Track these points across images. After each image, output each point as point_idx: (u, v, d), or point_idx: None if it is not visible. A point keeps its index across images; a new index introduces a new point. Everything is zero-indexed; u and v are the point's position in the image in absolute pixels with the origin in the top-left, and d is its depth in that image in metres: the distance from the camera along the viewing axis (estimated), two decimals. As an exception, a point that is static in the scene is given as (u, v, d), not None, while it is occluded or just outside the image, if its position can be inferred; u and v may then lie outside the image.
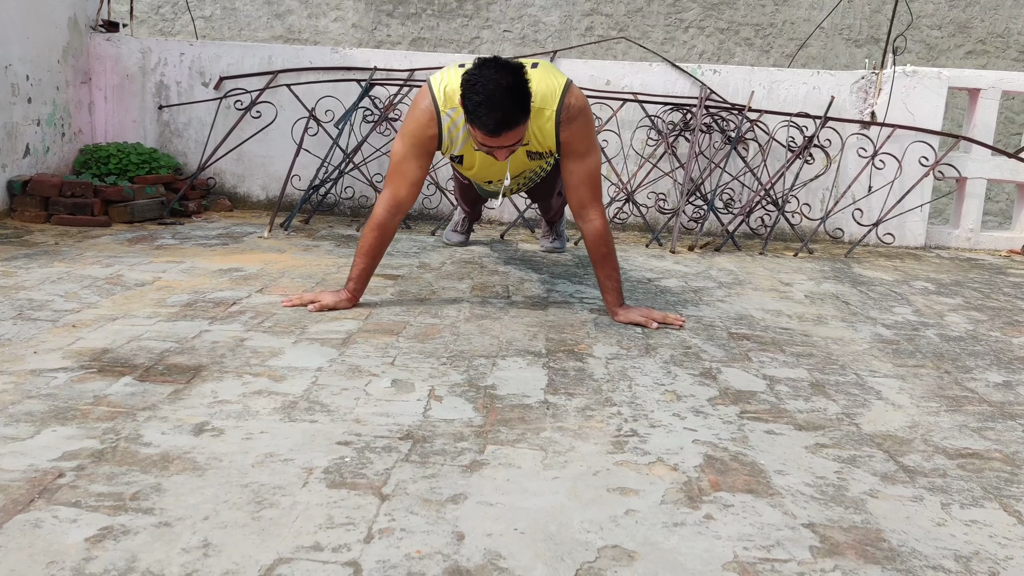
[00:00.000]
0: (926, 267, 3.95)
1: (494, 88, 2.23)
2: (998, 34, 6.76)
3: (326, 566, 1.17)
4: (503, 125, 2.27)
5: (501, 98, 2.24)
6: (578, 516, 1.36)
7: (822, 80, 4.46)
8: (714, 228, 4.47)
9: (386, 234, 2.60)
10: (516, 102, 2.27)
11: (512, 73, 2.27)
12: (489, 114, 2.25)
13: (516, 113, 2.28)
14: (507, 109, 2.25)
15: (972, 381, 2.21)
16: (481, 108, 2.25)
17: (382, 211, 2.57)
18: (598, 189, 2.61)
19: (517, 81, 2.27)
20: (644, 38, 6.71)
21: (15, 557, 1.16)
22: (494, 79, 2.24)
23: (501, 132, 2.28)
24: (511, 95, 2.25)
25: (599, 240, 2.59)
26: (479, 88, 2.24)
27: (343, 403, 1.80)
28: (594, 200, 2.59)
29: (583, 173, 2.56)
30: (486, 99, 2.23)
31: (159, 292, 2.67)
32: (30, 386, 1.80)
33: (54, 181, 3.82)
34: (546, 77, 2.48)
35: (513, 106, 2.27)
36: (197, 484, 1.40)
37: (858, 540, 1.33)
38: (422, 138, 2.52)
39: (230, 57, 4.56)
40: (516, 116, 2.28)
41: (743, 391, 2.03)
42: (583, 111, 2.51)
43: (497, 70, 2.27)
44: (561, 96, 2.47)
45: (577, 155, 2.54)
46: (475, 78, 2.26)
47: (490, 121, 2.26)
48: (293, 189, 4.43)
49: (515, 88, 2.26)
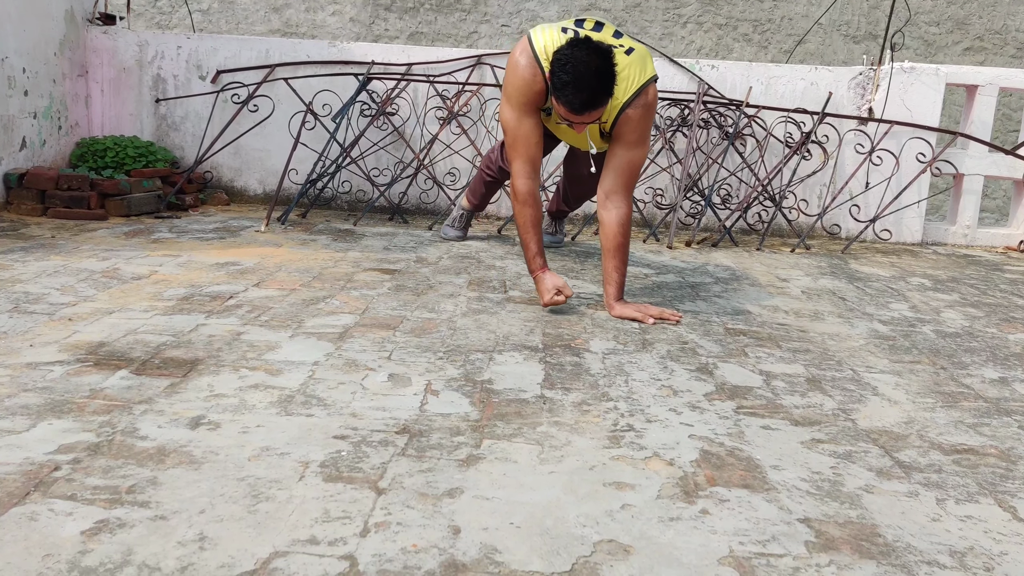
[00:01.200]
0: (923, 263, 3.96)
1: (584, 70, 2.35)
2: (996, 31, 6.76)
3: (322, 559, 1.17)
4: (587, 105, 2.40)
5: (589, 80, 2.36)
6: (574, 510, 1.36)
7: (820, 76, 4.46)
8: (711, 224, 4.47)
9: (539, 202, 2.66)
10: (602, 85, 2.40)
11: (602, 56, 2.39)
12: (575, 94, 2.37)
13: (600, 95, 2.41)
14: (593, 91, 2.39)
15: (968, 377, 2.22)
16: (569, 88, 2.37)
17: (523, 181, 2.62)
18: (633, 181, 2.66)
19: (605, 65, 2.39)
20: (642, 33, 6.70)
21: (11, 550, 1.16)
22: (584, 61, 2.35)
23: (585, 112, 2.41)
24: (599, 78, 2.38)
25: (620, 229, 2.61)
26: (569, 68, 2.35)
27: (340, 397, 1.80)
28: (626, 189, 2.64)
29: (625, 160, 2.61)
30: (575, 79, 2.36)
31: (156, 286, 2.66)
32: (26, 379, 1.80)
33: (50, 174, 3.81)
34: (635, 67, 2.55)
35: (599, 88, 2.40)
36: (193, 478, 1.40)
37: (853, 535, 1.34)
38: (530, 94, 2.60)
39: (227, 51, 4.55)
40: (600, 98, 2.42)
41: (739, 386, 2.03)
42: (650, 106, 2.60)
43: (588, 52, 2.37)
44: (639, 89, 2.55)
45: (626, 142, 2.60)
46: (566, 57, 2.37)
47: (576, 100, 2.38)
48: (290, 183, 4.43)
49: (603, 72, 2.39)
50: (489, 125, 4.49)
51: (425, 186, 4.49)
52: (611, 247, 2.61)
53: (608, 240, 2.61)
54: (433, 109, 4.46)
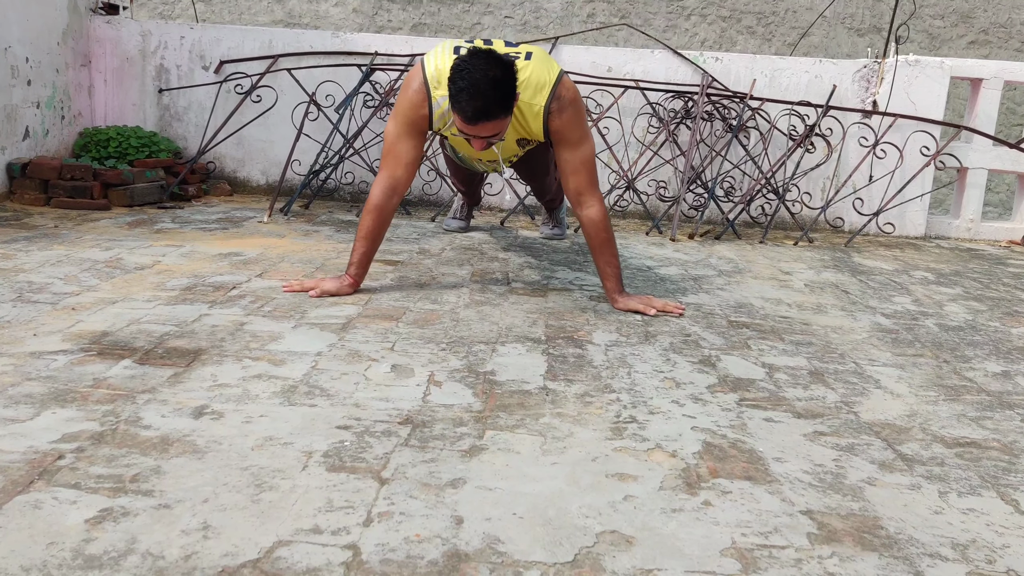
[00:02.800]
0: (926, 257, 3.95)
1: (480, 78, 2.24)
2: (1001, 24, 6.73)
3: (325, 549, 1.18)
4: (481, 115, 2.28)
5: (484, 88, 2.25)
6: (577, 501, 1.36)
7: (824, 69, 4.45)
8: (714, 216, 4.46)
9: (384, 217, 2.60)
10: (498, 96, 2.29)
11: (501, 67, 2.29)
12: (469, 102, 2.26)
13: (495, 107, 2.29)
14: (488, 100, 2.27)
15: (971, 371, 2.22)
16: (463, 94, 2.26)
17: (379, 193, 2.57)
18: (594, 176, 2.61)
19: (505, 76, 2.29)
20: (646, 25, 6.68)
21: (15, 538, 1.16)
22: (482, 69, 2.26)
23: (478, 122, 2.30)
24: (495, 88, 2.27)
25: (597, 227, 2.59)
26: (465, 75, 2.26)
27: (343, 388, 1.80)
28: (591, 187, 2.59)
29: (578, 161, 2.56)
30: (469, 86, 2.25)
31: (159, 276, 2.67)
32: (30, 368, 1.80)
33: (53, 164, 3.81)
34: (539, 68, 2.49)
35: (494, 99, 2.28)
36: (197, 467, 1.40)
37: (855, 527, 1.34)
38: (414, 118, 2.53)
39: (230, 41, 4.54)
40: (495, 109, 2.30)
41: (742, 379, 2.03)
42: (574, 101, 2.52)
43: (488, 61, 2.28)
44: (552, 88, 2.48)
45: (570, 144, 2.55)
46: (464, 64, 2.28)
47: (469, 108, 2.27)
48: (293, 174, 4.42)
49: (501, 82, 2.28)
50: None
51: (428, 177, 4.49)
52: (597, 244, 2.61)
53: (592, 239, 2.61)
54: (436, 100, 4.45)
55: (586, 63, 4.44)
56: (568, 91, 2.51)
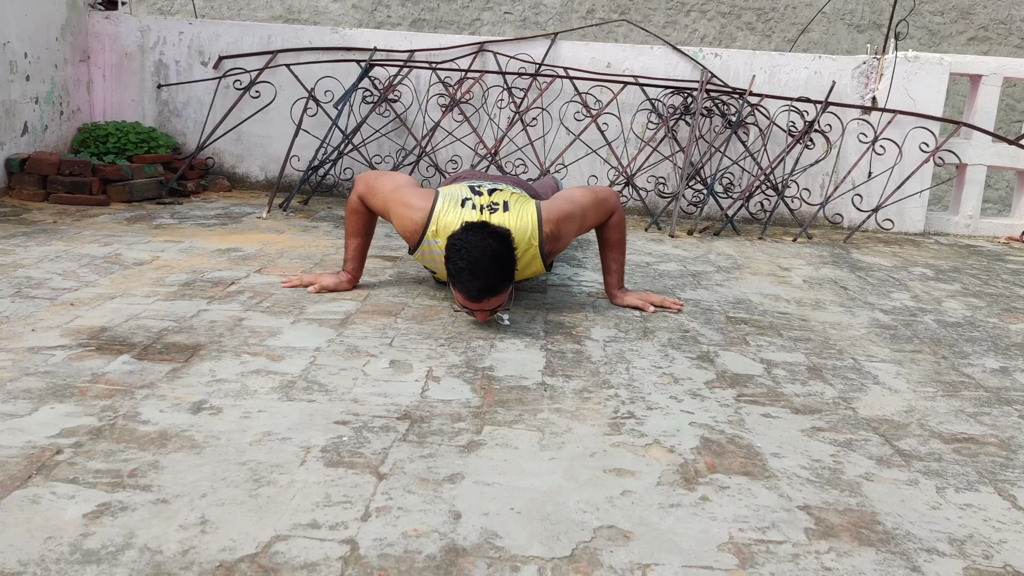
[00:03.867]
0: (925, 253, 3.95)
1: (479, 255, 2.14)
2: (1000, 20, 6.73)
3: (323, 543, 1.18)
4: (486, 292, 2.18)
5: (485, 264, 2.15)
6: (574, 496, 1.36)
7: (823, 65, 4.44)
8: (713, 212, 4.46)
9: (365, 216, 2.59)
10: (500, 269, 2.18)
11: (498, 239, 2.19)
12: (472, 280, 2.16)
13: (499, 281, 2.19)
14: (491, 276, 2.17)
15: (969, 367, 2.22)
16: (464, 274, 2.16)
17: (357, 201, 2.56)
18: (602, 202, 2.54)
19: (503, 249, 2.19)
20: (645, 21, 6.68)
21: (13, 532, 1.16)
22: (479, 246, 2.15)
23: (484, 299, 2.20)
24: (496, 262, 2.17)
25: (615, 228, 2.58)
26: (464, 254, 2.15)
27: (341, 383, 1.80)
28: (608, 210, 2.55)
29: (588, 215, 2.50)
30: (470, 265, 2.15)
31: (157, 271, 2.67)
32: (28, 363, 1.80)
33: (52, 159, 3.81)
34: (518, 217, 2.37)
35: (497, 273, 2.18)
36: (195, 462, 1.40)
37: (853, 523, 1.34)
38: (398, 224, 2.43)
39: (229, 36, 4.54)
40: (499, 284, 2.19)
41: (740, 375, 2.03)
42: (557, 219, 2.41)
43: (483, 235, 2.18)
44: (539, 229, 2.37)
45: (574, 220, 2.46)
46: (460, 242, 2.17)
47: (473, 288, 2.17)
48: (292, 170, 4.42)
49: (501, 255, 2.18)
50: (491, 112, 4.48)
51: (427, 173, 4.48)
52: (610, 243, 2.60)
53: (606, 239, 2.60)
54: (435, 96, 4.45)
55: (585, 59, 4.44)
56: (551, 223, 2.39)
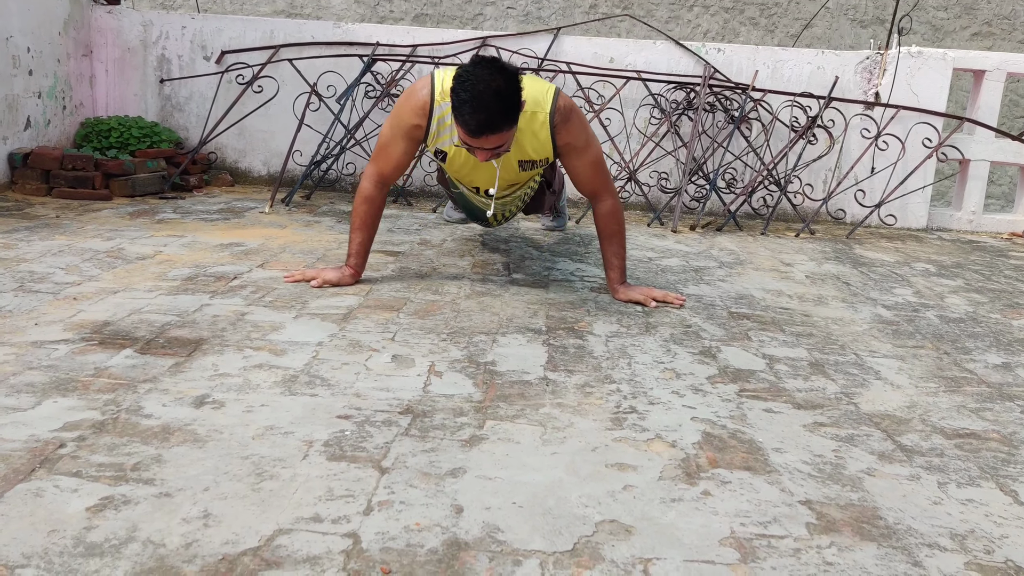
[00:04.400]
0: (927, 249, 3.95)
1: (484, 88, 2.15)
2: (1004, 16, 6.71)
3: (325, 537, 1.18)
4: (485, 127, 2.19)
5: (489, 99, 2.16)
6: (576, 491, 1.37)
7: (826, 60, 4.43)
8: (716, 208, 4.46)
9: (375, 206, 2.60)
10: (503, 107, 2.19)
11: (505, 77, 2.19)
12: (473, 113, 2.17)
13: (500, 118, 2.20)
14: (492, 111, 2.18)
15: (971, 362, 2.22)
16: (466, 106, 2.17)
17: (368, 185, 2.58)
18: (606, 174, 2.59)
19: (509, 87, 2.19)
20: (648, 16, 6.66)
21: (16, 525, 1.16)
22: (486, 79, 2.16)
23: (483, 134, 2.21)
24: (499, 99, 2.18)
25: (610, 218, 2.59)
26: (468, 86, 2.16)
27: (343, 377, 1.81)
28: (605, 186, 2.58)
29: (588, 166, 2.54)
30: (473, 97, 2.16)
31: (160, 266, 2.67)
32: (31, 357, 1.81)
33: (55, 154, 3.81)
34: (535, 83, 2.45)
35: (499, 110, 2.19)
36: (197, 456, 1.41)
37: (854, 517, 1.34)
38: (408, 126, 2.47)
39: (232, 31, 4.54)
40: (500, 121, 2.20)
41: (742, 370, 2.03)
42: (574, 109, 2.47)
43: (492, 71, 2.19)
44: (553, 100, 2.42)
45: (578, 151, 2.51)
46: (468, 74, 2.18)
47: (472, 121, 2.18)
48: (294, 164, 4.42)
49: (505, 93, 2.19)
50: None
51: (429, 168, 4.48)
52: (608, 234, 2.60)
53: (603, 230, 2.61)
54: (438, 91, 4.44)
55: (588, 54, 4.43)
56: (566, 101, 2.45)
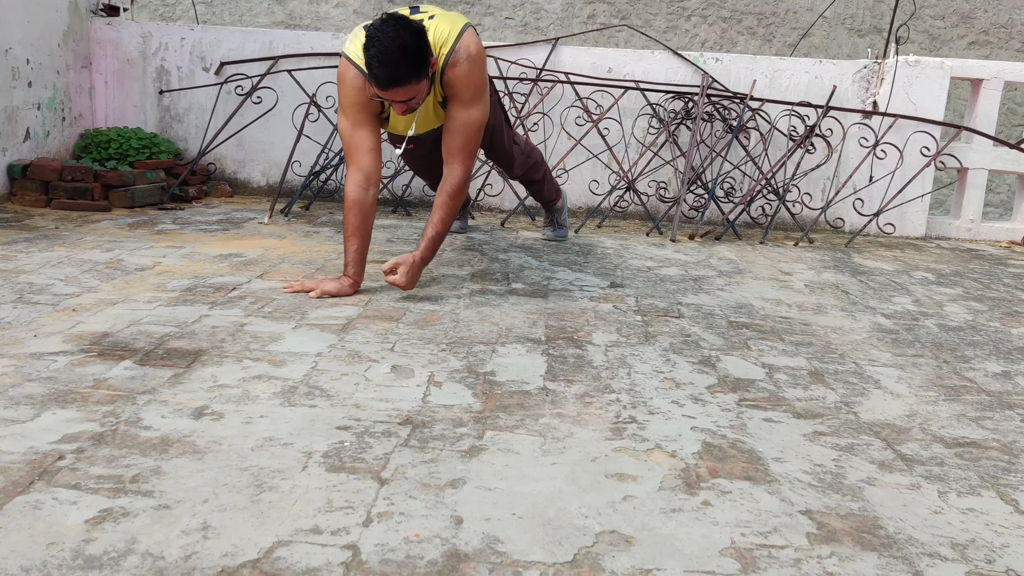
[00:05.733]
0: (926, 257, 3.95)
1: (389, 44, 2.30)
2: (1001, 25, 6.73)
3: (325, 549, 1.18)
4: (392, 80, 2.34)
5: (395, 55, 2.30)
6: (576, 501, 1.36)
7: (824, 69, 4.45)
8: (715, 217, 4.46)
9: (366, 210, 2.60)
10: (409, 61, 2.34)
11: (411, 32, 2.34)
12: (380, 67, 2.32)
13: (406, 71, 2.34)
14: (398, 65, 2.32)
15: (971, 371, 2.22)
16: (374, 61, 2.32)
17: (353, 188, 2.59)
18: (471, 143, 2.61)
19: (414, 41, 2.34)
20: (646, 26, 6.68)
21: (15, 538, 1.16)
22: (391, 36, 2.31)
23: (390, 87, 2.35)
24: (404, 53, 2.32)
25: (446, 190, 2.61)
26: (375, 42, 2.31)
27: (343, 388, 1.81)
28: (462, 152, 2.60)
29: (460, 122, 2.58)
30: (379, 53, 2.31)
31: (159, 277, 2.67)
32: (30, 369, 1.81)
33: (54, 165, 3.82)
34: (442, 25, 2.52)
35: (405, 64, 2.33)
36: (197, 467, 1.40)
37: (855, 527, 1.34)
38: (360, 100, 2.55)
39: (231, 42, 4.55)
40: (406, 74, 2.34)
41: (742, 379, 2.03)
42: (472, 57, 2.53)
43: (396, 27, 2.33)
44: (455, 40, 2.50)
45: (460, 102, 2.56)
46: (375, 32, 2.33)
47: (380, 74, 2.33)
48: (294, 175, 4.43)
49: (411, 47, 2.33)
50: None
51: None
52: (437, 204, 2.61)
53: (437, 197, 2.62)
54: (437, 101, 4.45)
55: (586, 64, 4.44)
56: (468, 46, 2.52)
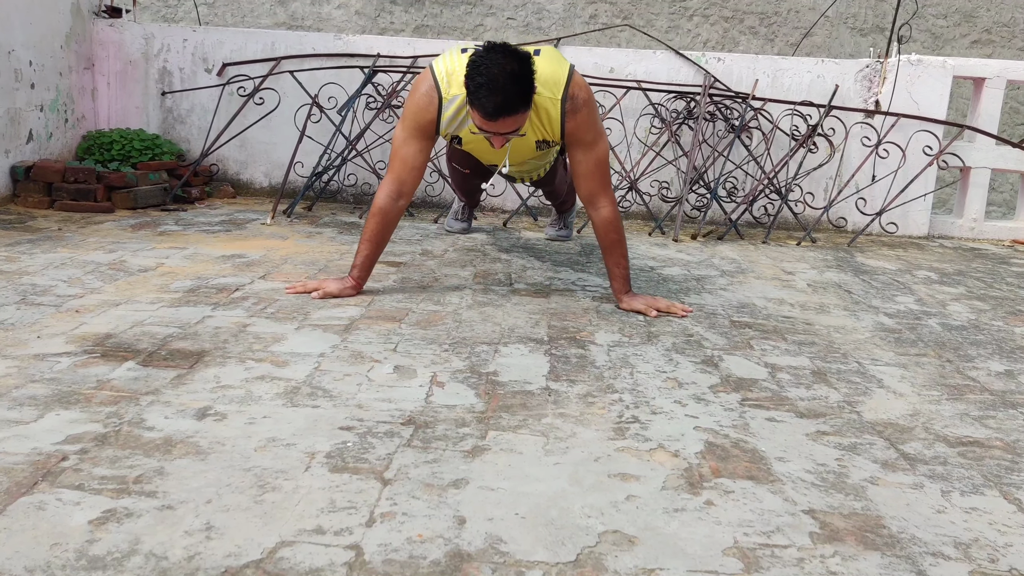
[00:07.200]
0: (929, 256, 3.95)
1: (498, 72, 2.23)
2: (1004, 23, 6.72)
3: (328, 549, 1.18)
4: (502, 110, 2.27)
5: (503, 82, 2.24)
6: (579, 501, 1.36)
7: (826, 68, 4.44)
8: (717, 217, 4.46)
9: (389, 220, 2.59)
10: (518, 89, 2.27)
11: (518, 60, 2.27)
12: (489, 97, 2.25)
13: (516, 100, 2.28)
14: (507, 94, 2.26)
15: (974, 370, 2.22)
16: (482, 90, 2.25)
17: (384, 196, 2.57)
18: (607, 177, 2.60)
19: (523, 69, 2.27)
20: (648, 26, 6.68)
21: (19, 539, 1.16)
22: (499, 63, 2.24)
23: (499, 117, 2.28)
24: (514, 81, 2.26)
25: (609, 227, 2.58)
26: (483, 70, 2.24)
27: (345, 389, 1.81)
28: (604, 188, 2.58)
29: (591, 163, 2.55)
30: (488, 82, 2.23)
31: (162, 278, 2.67)
32: (34, 370, 1.81)
33: (57, 167, 3.82)
34: (550, 64, 2.47)
35: (514, 92, 2.27)
36: (200, 468, 1.40)
37: (858, 526, 1.34)
38: (422, 122, 2.52)
39: (233, 43, 4.55)
40: (515, 103, 2.28)
41: (745, 379, 2.03)
42: (588, 101, 2.50)
43: (504, 55, 2.27)
44: (566, 84, 2.46)
45: (584, 144, 2.53)
46: (481, 60, 2.26)
47: (489, 104, 2.25)
48: (296, 176, 4.43)
49: (519, 75, 2.26)
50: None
51: (430, 179, 4.49)
52: (607, 245, 2.60)
53: (603, 239, 2.61)
54: (439, 102, 4.45)
55: (588, 64, 4.44)
56: (581, 89, 2.49)
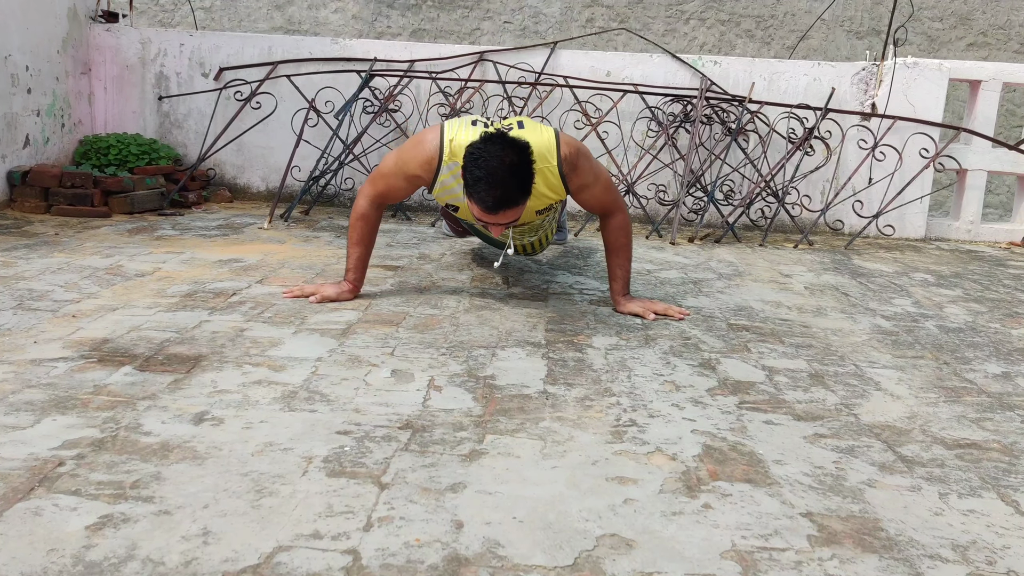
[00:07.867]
0: (926, 259, 3.95)
1: (496, 165, 2.16)
2: (999, 26, 6.74)
3: (325, 554, 1.18)
4: (502, 203, 2.20)
5: (503, 176, 2.17)
6: (577, 505, 1.36)
7: (823, 71, 4.45)
8: (714, 219, 4.47)
9: (371, 223, 2.60)
10: (517, 182, 2.21)
11: (517, 151, 2.21)
12: (488, 191, 2.18)
13: (516, 193, 2.21)
14: (507, 188, 2.19)
15: (971, 372, 2.22)
16: (481, 184, 2.18)
17: (365, 203, 2.57)
18: (616, 193, 2.60)
19: (522, 160, 2.21)
20: (645, 29, 6.69)
21: (15, 544, 1.16)
22: (498, 156, 2.17)
23: (499, 211, 2.22)
24: (513, 174, 2.19)
25: (619, 232, 2.59)
26: (482, 163, 2.17)
27: (343, 393, 1.81)
28: (615, 202, 2.59)
29: (599, 192, 2.55)
30: (487, 175, 2.17)
31: (159, 282, 2.67)
32: (30, 375, 1.81)
33: (54, 172, 3.82)
34: (536, 134, 2.41)
35: (514, 185, 2.20)
36: (197, 473, 1.40)
37: (856, 529, 1.34)
38: (413, 174, 2.48)
39: (230, 48, 4.55)
40: (515, 196, 2.22)
41: (742, 382, 2.03)
42: (579, 152, 2.47)
43: (503, 147, 2.20)
44: (556, 149, 2.41)
45: (589, 187, 2.52)
46: (479, 152, 2.19)
47: (488, 199, 2.19)
48: (293, 180, 4.43)
49: (518, 167, 2.20)
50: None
51: (428, 183, 4.49)
52: (615, 247, 2.61)
53: (610, 243, 2.61)
54: (436, 106, 4.46)
55: (585, 67, 4.45)
56: (570, 147, 2.45)
